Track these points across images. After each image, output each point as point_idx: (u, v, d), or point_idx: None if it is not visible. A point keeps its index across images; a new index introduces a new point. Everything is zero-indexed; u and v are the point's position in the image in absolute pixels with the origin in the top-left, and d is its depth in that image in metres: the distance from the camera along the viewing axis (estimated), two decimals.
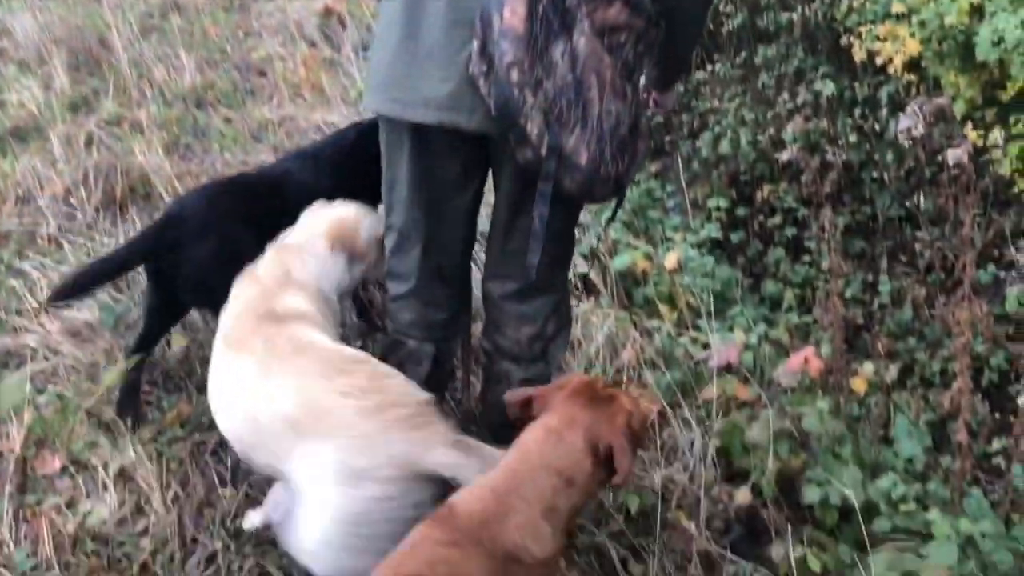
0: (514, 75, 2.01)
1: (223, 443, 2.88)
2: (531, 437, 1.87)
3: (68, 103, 5.13)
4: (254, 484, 2.74)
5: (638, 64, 2.20)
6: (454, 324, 2.66)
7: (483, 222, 2.64)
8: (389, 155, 2.42)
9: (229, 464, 2.81)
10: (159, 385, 3.12)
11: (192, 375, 3.15)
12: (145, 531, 2.60)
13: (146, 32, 6.22)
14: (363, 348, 3.17)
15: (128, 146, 4.57)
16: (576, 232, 2.71)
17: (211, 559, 2.53)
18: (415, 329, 2.59)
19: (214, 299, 2.67)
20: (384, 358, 2.65)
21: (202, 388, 3.06)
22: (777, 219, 4.84)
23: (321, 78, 5.53)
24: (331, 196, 2.89)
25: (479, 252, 3.09)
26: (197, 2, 6.75)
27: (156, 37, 6.18)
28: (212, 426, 2.90)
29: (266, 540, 2.59)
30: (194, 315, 3.26)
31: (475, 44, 2.07)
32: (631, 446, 1.84)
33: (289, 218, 2.81)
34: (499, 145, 2.26)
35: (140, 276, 3.55)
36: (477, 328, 2.91)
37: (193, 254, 2.82)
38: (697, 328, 3.61)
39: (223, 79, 5.65)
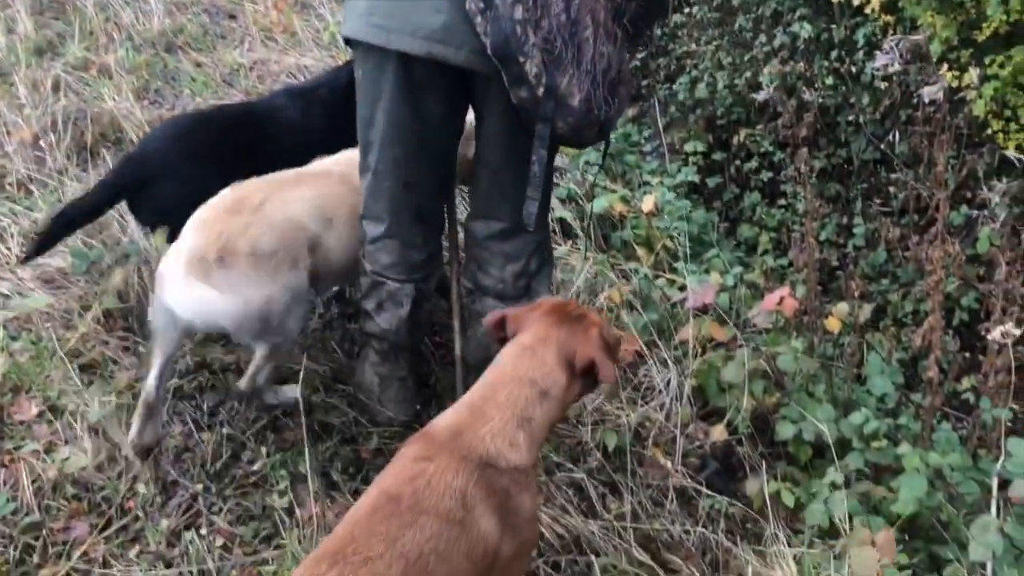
0: (518, 12, 2.00)
1: (201, 388, 2.89)
2: (506, 353, 1.93)
3: (33, 47, 5.00)
4: (234, 426, 2.75)
5: (627, 7, 2.18)
6: (432, 263, 2.66)
7: None
8: (367, 90, 2.36)
9: (207, 408, 2.81)
10: (134, 331, 3.10)
11: None
12: (125, 476, 2.60)
13: None
14: (341, 291, 3.18)
15: (97, 91, 4.48)
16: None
17: (191, 501, 2.54)
18: (394, 271, 2.58)
19: None
20: (364, 299, 2.67)
21: None
22: (753, 163, 4.85)
23: (293, 21, 5.43)
24: (321, 136, 2.91)
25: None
26: None
27: None
28: (188, 371, 2.91)
29: (247, 483, 2.61)
30: None
31: None
32: (608, 357, 1.91)
33: (271, 154, 2.82)
34: (485, 84, 2.23)
35: (113, 222, 3.52)
36: None
37: (159, 192, 2.80)
38: (674, 271, 3.63)
39: (193, 23, 5.52)
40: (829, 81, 4.56)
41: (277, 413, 2.80)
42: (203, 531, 2.46)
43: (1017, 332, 2.42)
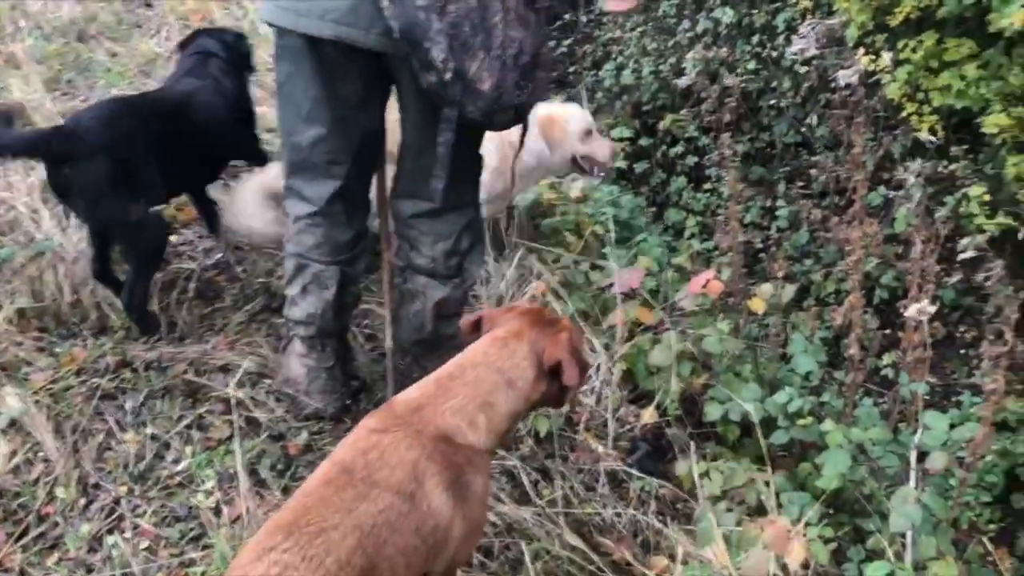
0: None
1: (123, 388, 2.81)
2: (479, 343, 1.96)
3: None
4: (158, 425, 2.68)
5: None
6: (359, 245, 2.63)
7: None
8: (285, 70, 2.34)
9: (129, 407, 2.73)
10: (49, 331, 3.00)
11: (85, 319, 3.04)
12: (43, 480, 2.51)
13: None
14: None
15: (4, 82, 4.31)
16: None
17: (114, 504, 2.47)
18: (319, 252, 2.55)
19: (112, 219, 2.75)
20: (288, 284, 2.62)
21: (97, 333, 2.98)
22: (679, 148, 4.91)
23: (212, 8, 5.30)
24: (234, 106, 3.18)
25: None
26: None
27: None
28: (108, 371, 2.82)
29: (172, 484, 2.54)
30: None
31: None
32: (575, 360, 1.94)
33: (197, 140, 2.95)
34: (400, 66, 2.22)
35: (22, 219, 3.39)
36: None
37: (85, 174, 2.73)
38: (602, 256, 3.65)
39: (106, 11, 5.36)
40: (751, 66, 4.63)
41: (202, 411, 2.74)
42: (127, 534, 2.39)
43: (932, 309, 2.48)
